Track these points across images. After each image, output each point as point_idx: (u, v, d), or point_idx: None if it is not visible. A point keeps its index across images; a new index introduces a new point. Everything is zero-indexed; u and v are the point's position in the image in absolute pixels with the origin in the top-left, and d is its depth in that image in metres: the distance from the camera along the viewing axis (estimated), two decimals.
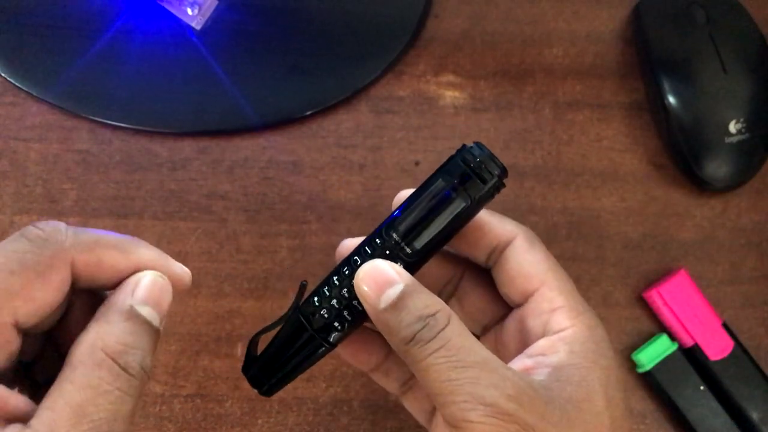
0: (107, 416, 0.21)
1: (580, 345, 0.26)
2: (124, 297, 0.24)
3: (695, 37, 0.42)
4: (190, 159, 0.42)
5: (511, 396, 0.24)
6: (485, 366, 0.24)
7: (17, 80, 0.42)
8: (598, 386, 0.25)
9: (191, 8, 0.43)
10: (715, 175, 0.41)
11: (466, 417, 0.23)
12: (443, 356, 0.24)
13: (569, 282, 0.28)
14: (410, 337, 0.25)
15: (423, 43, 0.44)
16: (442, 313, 0.25)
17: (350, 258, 0.27)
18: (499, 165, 0.27)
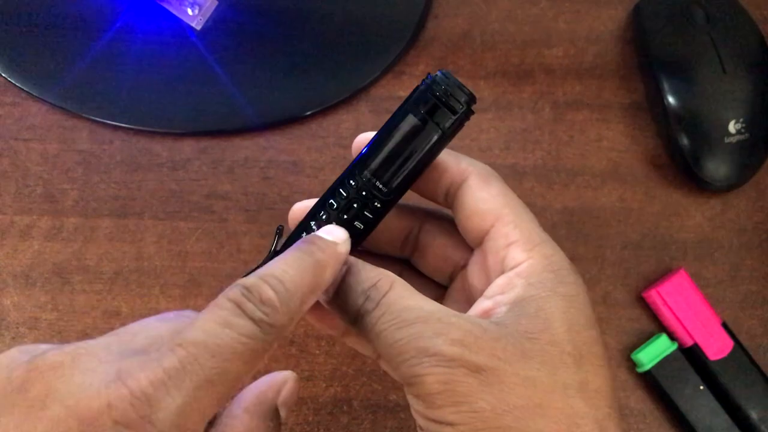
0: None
1: (537, 276, 0.25)
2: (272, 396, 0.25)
3: (695, 37, 0.42)
4: (190, 159, 0.42)
5: (455, 340, 0.23)
6: (428, 319, 0.24)
7: (17, 80, 0.42)
8: (557, 313, 0.25)
9: (191, 8, 0.43)
10: (715, 175, 0.41)
11: (415, 372, 0.23)
12: (386, 321, 0.24)
13: (527, 214, 0.27)
14: (356, 312, 0.25)
15: (423, 43, 0.44)
16: (383, 281, 0.25)
17: (326, 201, 0.27)
18: (467, 92, 0.26)
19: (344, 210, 0.27)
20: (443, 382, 0.23)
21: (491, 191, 0.27)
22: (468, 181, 0.28)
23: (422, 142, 0.26)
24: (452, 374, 0.23)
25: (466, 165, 0.28)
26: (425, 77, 0.27)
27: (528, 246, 0.26)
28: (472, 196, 0.27)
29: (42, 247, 0.41)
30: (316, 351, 0.40)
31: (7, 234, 0.41)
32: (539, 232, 0.27)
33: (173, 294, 0.40)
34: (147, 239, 0.41)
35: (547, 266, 0.26)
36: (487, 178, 0.28)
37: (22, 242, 0.41)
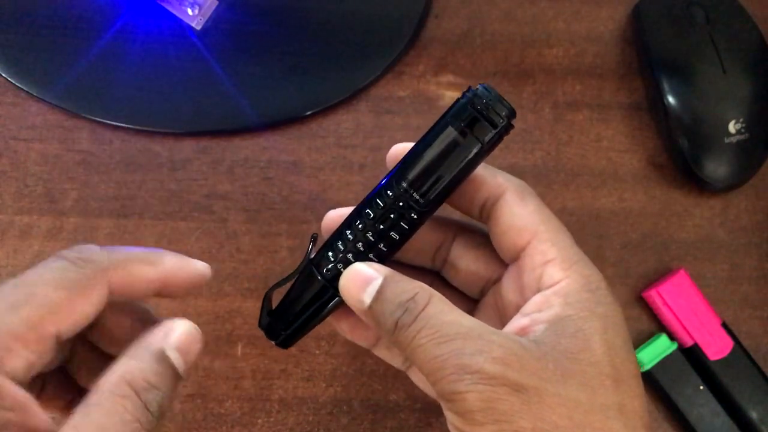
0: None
1: (575, 296, 0.26)
2: (157, 339, 0.25)
3: (695, 37, 0.42)
4: (190, 159, 0.42)
5: (497, 358, 0.23)
6: (468, 335, 0.24)
7: (17, 80, 0.42)
8: (595, 335, 0.25)
9: (191, 8, 0.43)
10: (715, 175, 0.41)
11: (455, 389, 0.23)
12: (426, 335, 0.24)
13: (563, 232, 0.27)
14: (394, 325, 0.25)
15: (423, 43, 0.44)
16: (421, 295, 0.25)
17: (363, 210, 0.27)
18: (507, 106, 0.27)
19: (380, 220, 0.27)
20: (485, 400, 0.23)
21: (528, 207, 0.27)
22: (504, 196, 0.28)
23: (461, 156, 0.26)
24: (494, 392, 0.23)
25: (503, 180, 0.28)
26: (466, 90, 0.27)
27: (565, 264, 0.26)
28: (509, 211, 0.27)
29: (42, 247, 0.41)
30: (316, 351, 0.40)
31: (7, 234, 0.41)
32: (576, 250, 0.27)
33: None
34: (147, 239, 0.41)
35: (585, 286, 0.26)
36: (523, 194, 0.28)
37: (22, 242, 0.41)
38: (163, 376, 0.24)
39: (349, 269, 0.27)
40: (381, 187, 0.27)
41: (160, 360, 0.24)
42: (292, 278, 0.29)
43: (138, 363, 0.24)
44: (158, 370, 0.24)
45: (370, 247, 0.27)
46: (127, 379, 0.23)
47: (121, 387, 0.23)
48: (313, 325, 0.29)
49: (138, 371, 0.24)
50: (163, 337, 0.25)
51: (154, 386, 0.24)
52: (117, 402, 0.23)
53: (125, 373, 0.24)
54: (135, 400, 0.23)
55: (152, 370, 0.24)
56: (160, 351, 0.24)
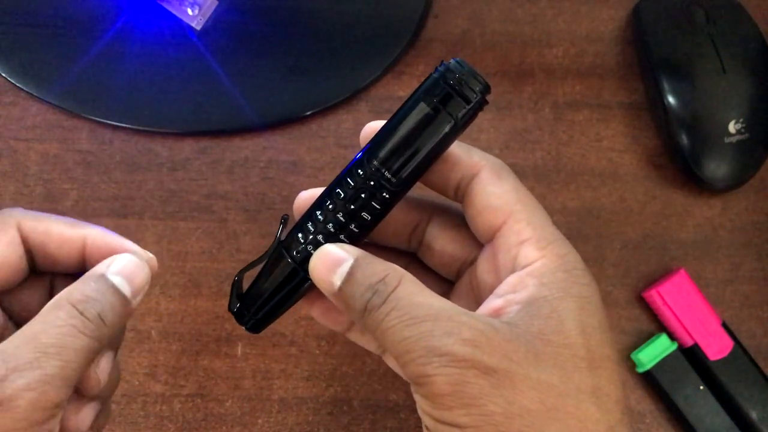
0: (56, 343, 0.23)
1: (550, 276, 0.25)
2: (99, 267, 0.26)
3: (695, 37, 0.42)
4: (190, 159, 0.42)
5: (467, 340, 0.23)
6: (438, 317, 0.23)
7: (17, 80, 0.42)
8: (570, 316, 0.24)
9: (191, 8, 0.43)
10: (715, 175, 0.41)
11: (424, 372, 0.23)
12: (395, 317, 0.24)
13: (540, 212, 0.27)
14: (363, 308, 0.24)
15: (423, 43, 0.44)
16: (392, 276, 0.25)
17: (333, 190, 0.27)
18: (482, 81, 0.26)
19: (351, 200, 0.26)
20: (453, 384, 0.23)
21: (504, 186, 0.27)
22: (480, 175, 0.27)
23: (434, 132, 0.26)
24: (463, 375, 0.23)
25: (479, 158, 0.27)
26: (438, 64, 0.26)
27: (541, 244, 0.26)
28: (484, 190, 0.27)
29: None
30: (316, 351, 0.40)
31: None
32: (552, 230, 0.26)
33: (173, 294, 0.40)
34: (147, 239, 0.41)
35: (561, 266, 0.25)
36: (500, 172, 0.27)
37: None
38: (103, 293, 0.25)
39: (319, 251, 0.26)
40: (352, 166, 0.27)
41: (99, 280, 0.26)
42: (262, 261, 0.28)
43: (77, 285, 0.26)
44: (96, 288, 0.25)
45: (341, 228, 0.26)
46: (64, 296, 0.25)
47: (58, 302, 0.25)
48: (284, 309, 0.28)
49: (76, 290, 0.25)
50: (105, 266, 0.26)
51: (92, 299, 0.25)
52: (50, 313, 0.24)
53: (63, 293, 0.25)
54: (69, 309, 0.24)
55: (90, 288, 0.25)
56: (100, 274, 0.26)
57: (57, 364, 0.23)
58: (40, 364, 0.23)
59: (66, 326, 0.24)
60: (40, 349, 0.23)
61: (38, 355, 0.23)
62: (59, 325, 0.24)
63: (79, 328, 0.24)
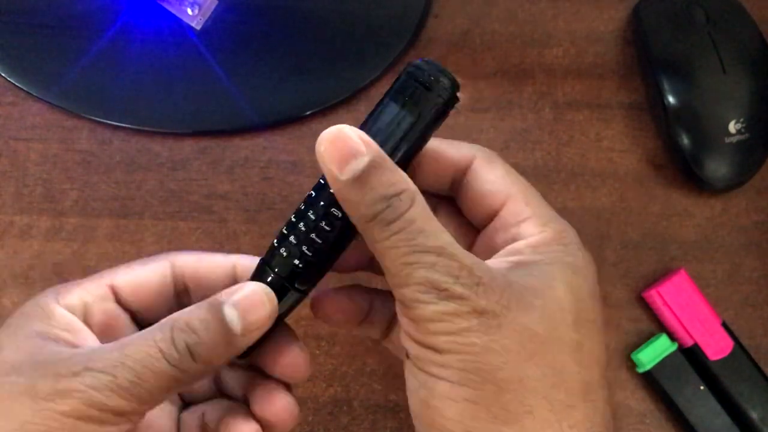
0: (138, 359, 0.24)
1: (546, 247, 0.26)
2: (222, 294, 0.26)
3: (695, 37, 0.42)
4: (190, 159, 0.42)
5: (465, 284, 0.23)
6: (444, 251, 0.24)
7: (17, 80, 0.42)
8: (560, 277, 0.25)
9: (191, 8, 0.43)
10: (715, 175, 0.41)
11: (418, 298, 0.24)
12: (403, 239, 0.24)
13: (536, 194, 0.27)
14: (372, 216, 0.24)
15: (423, 43, 0.44)
16: (407, 194, 0.24)
17: (310, 197, 0.27)
18: (450, 78, 0.26)
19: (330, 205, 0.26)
20: (445, 313, 0.23)
21: (498, 172, 0.27)
22: (473, 165, 0.28)
23: (408, 131, 0.26)
24: (455, 310, 0.23)
25: (468, 150, 0.28)
26: (407, 65, 0.26)
27: (540, 221, 0.26)
28: (481, 178, 0.27)
29: (42, 247, 0.41)
30: (316, 351, 0.40)
31: (7, 234, 0.41)
32: (550, 210, 0.27)
33: None
34: (147, 239, 0.41)
35: (557, 239, 0.26)
36: (491, 159, 0.28)
37: (22, 242, 0.41)
38: (207, 323, 0.25)
39: (335, 131, 0.24)
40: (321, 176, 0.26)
41: (211, 311, 0.25)
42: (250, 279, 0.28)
43: (192, 308, 0.26)
44: (203, 318, 0.25)
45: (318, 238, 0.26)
46: (173, 318, 0.25)
47: (164, 322, 0.25)
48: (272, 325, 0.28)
49: (185, 314, 0.25)
50: (228, 293, 0.26)
51: (192, 329, 0.25)
52: (152, 331, 0.25)
53: (175, 314, 0.26)
54: (166, 332, 0.25)
55: (197, 316, 0.25)
56: (217, 303, 0.26)
57: (130, 377, 0.23)
58: (115, 372, 0.23)
59: (154, 347, 0.24)
60: (121, 358, 0.24)
61: (117, 363, 0.24)
62: (149, 344, 0.24)
63: (164, 353, 0.24)
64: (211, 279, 0.29)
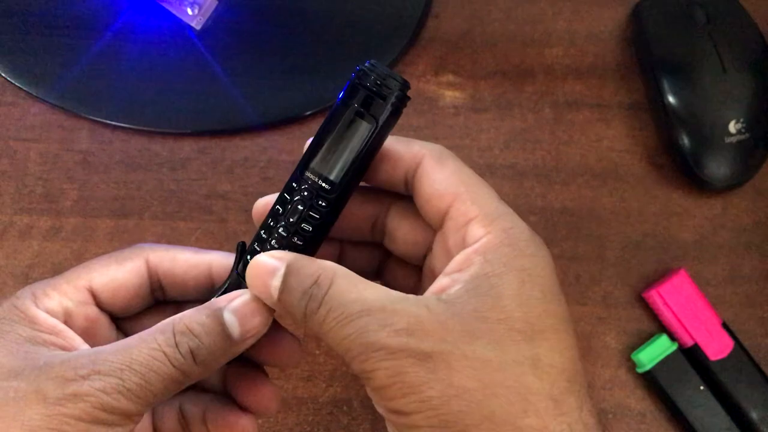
0: (144, 363, 0.24)
1: (494, 252, 0.25)
2: (220, 300, 0.27)
3: (695, 37, 0.42)
4: (190, 159, 0.42)
5: (400, 330, 0.23)
6: (371, 310, 0.24)
7: (17, 80, 0.42)
8: (507, 292, 0.24)
9: (191, 8, 0.43)
10: (715, 175, 0.41)
11: (364, 368, 0.24)
12: (332, 318, 0.24)
13: (485, 190, 0.27)
14: (303, 314, 0.25)
15: (423, 43, 0.44)
16: (323, 277, 0.25)
17: (274, 208, 0.27)
18: (399, 79, 0.26)
19: (291, 214, 0.27)
20: (392, 375, 0.23)
21: (445, 171, 0.27)
22: (422, 164, 0.27)
23: (359, 136, 0.26)
24: (400, 366, 0.23)
25: (419, 148, 0.28)
26: (356, 71, 0.26)
27: (487, 221, 0.26)
28: (429, 178, 0.27)
29: (42, 247, 0.41)
30: (316, 351, 0.40)
31: (7, 234, 0.41)
32: (498, 205, 0.26)
33: None
34: (147, 239, 0.41)
35: (505, 240, 0.25)
36: (441, 158, 0.27)
37: (22, 242, 0.41)
38: (207, 329, 0.26)
39: (252, 262, 0.26)
40: (289, 180, 0.27)
41: (211, 315, 0.26)
42: (224, 287, 0.28)
43: (191, 313, 0.26)
44: (204, 323, 0.26)
45: (286, 244, 0.27)
46: (173, 321, 0.26)
47: (166, 325, 0.26)
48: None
49: (185, 318, 0.26)
50: (226, 300, 0.26)
51: (193, 333, 0.25)
52: (155, 333, 0.25)
53: (175, 318, 0.26)
54: (168, 336, 0.25)
55: (198, 320, 0.26)
56: (216, 308, 0.26)
57: (137, 381, 0.24)
58: (122, 375, 0.24)
59: (158, 351, 0.25)
60: (127, 362, 0.24)
61: (124, 367, 0.24)
62: (153, 348, 0.25)
63: (169, 357, 0.25)
64: (186, 279, 0.29)
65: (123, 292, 0.29)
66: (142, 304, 0.30)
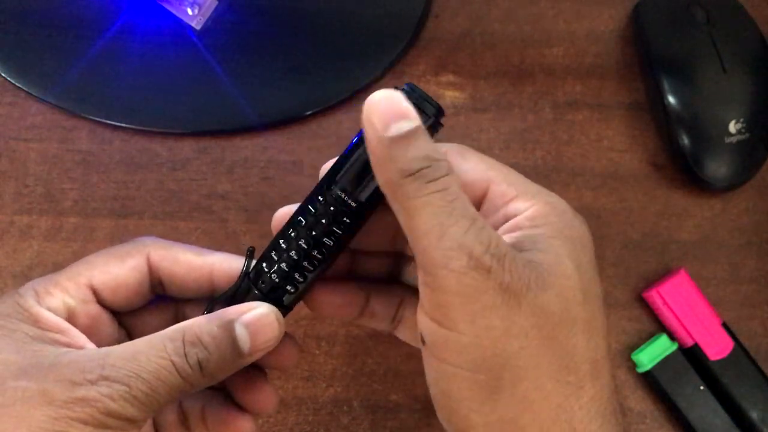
0: (152, 371, 0.24)
1: (542, 219, 0.26)
2: (233, 312, 0.27)
3: (695, 37, 0.42)
4: (190, 159, 0.42)
5: (495, 255, 0.23)
6: (476, 221, 0.24)
7: (17, 80, 0.42)
8: (564, 252, 0.25)
9: (191, 8, 0.43)
10: (715, 175, 0.41)
11: (447, 263, 0.23)
12: (441, 198, 0.23)
13: (516, 173, 0.27)
14: (413, 171, 0.23)
15: (423, 43, 0.44)
16: (447, 164, 0.24)
17: (295, 219, 0.27)
18: (434, 105, 0.26)
19: (313, 227, 0.27)
20: (471, 285, 0.23)
21: (472, 161, 0.27)
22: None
23: None
24: (483, 283, 0.23)
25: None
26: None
27: (528, 197, 0.26)
28: (457, 171, 0.27)
29: (42, 247, 0.41)
30: (316, 351, 0.40)
31: (7, 234, 0.41)
32: (533, 184, 0.27)
33: None
34: None
35: (551, 211, 0.26)
36: (463, 152, 0.28)
37: (22, 242, 0.41)
38: (218, 341, 0.26)
39: (386, 94, 0.24)
40: (312, 193, 0.27)
41: (223, 327, 0.26)
42: (231, 293, 0.29)
43: (203, 321, 0.26)
44: (215, 334, 0.26)
45: (305, 255, 0.27)
46: (184, 329, 0.26)
47: (175, 333, 0.26)
48: None
49: (196, 327, 0.26)
50: (239, 311, 0.27)
51: (203, 344, 0.25)
52: (164, 340, 0.25)
53: (185, 325, 0.26)
54: (178, 345, 0.25)
55: (209, 331, 0.26)
56: (229, 320, 0.26)
57: (144, 389, 0.24)
58: (129, 382, 0.24)
59: (167, 360, 0.25)
60: (135, 370, 0.24)
61: (132, 374, 0.24)
62: (162, 356, 0.25)
63: (177, 367, 0.25)
64: (187, 281, 0.29)
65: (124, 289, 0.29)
66: (143, 300, 0.30)
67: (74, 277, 0.28)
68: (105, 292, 0.29)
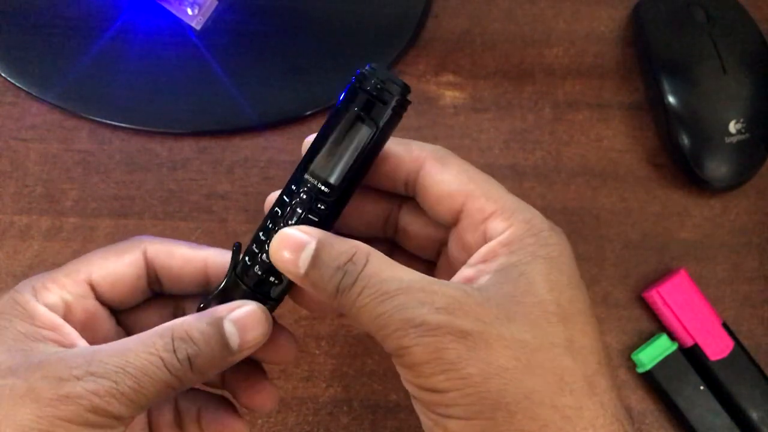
0: (139, 367, 0.24)
1: (518, 243, 0.25)
2: (222, 309, 0.27)
3: (695, 37, 0.42)
4: (190, 159, 0.42)
5: (440, 308, 0.23)
6: (410, 289, 0.24)
7: (17, 80, 0.42)
8: (539, 277, 0.25)
9: (191, 8, 0.43)
10: (715, 175, 0.41)
11: (401, 344, 0.23)
12: (368, 295, 0.24)
13: (495, 185, 0.27)
14: (335, 289, 0.25)
15: (423, 43, 0.44)
16: (359, 255, 0.25)
17: (273, 209, 0.27)
18: (399, 83, 0.26)
19: (289, 216, 0.26)
20: (431, 352, 0.23)
21: (451, 171, 0.27)
22: (424, 167, 0.27)
23: (359, 140, 0.26)
24: (439, 342, 0.23)
25: (419, 151, 0.28)
26: (356, 74, 0.26)
27: (506, 215, 0.26)
28: (434, 180, 0.27)
29: (42, 247, 0.41)
30: (316, 351, 0.40)
31: (7, 234, 0.41)
32: (512, 198, 0.27)
33: None
34: None
35: (528, 231, 0.26)
36: (443, 159, 0.27)
37: (22, 242, 0.41)
38: (207, 337, 0.26)
39: (278, 235, 0.26)
40: (288, 182, 0.27)
41: (212, 324, 0.26)
42: (219, 290, 0.28)
43: (192, 319, 0.26)
44: (204, 330, 0.26)
45: None
46: (173, 325, 0.26)
47: (165, 330, 0.26)
48: None
49: (186, 324, 0.26)
50: (227, 310, 0.27)
51: (193, 340, 0.25)
52: (154, 336, 0.25)
53: (175, 322, 0.26)
54: (167, 341, 0.25)
55: (199, 328, 0.26)
56: (218, 317, 0.26)
57: (131, 385, 0.24)
58: (116, 378, 0.24)
59: (155, 356, 0.25)
60: (122, 365, 0.24)
61: (118, 369, 0.24)
62: (151, 352, 0.25)
63: (166, 363, 0.25)
64: (182, 274, 0.30)
65: (121, 284, 0.29)
66: (141, 297, 0.30)
67: (72, 273, 0.28)
68: (103, 287, 0.29)
